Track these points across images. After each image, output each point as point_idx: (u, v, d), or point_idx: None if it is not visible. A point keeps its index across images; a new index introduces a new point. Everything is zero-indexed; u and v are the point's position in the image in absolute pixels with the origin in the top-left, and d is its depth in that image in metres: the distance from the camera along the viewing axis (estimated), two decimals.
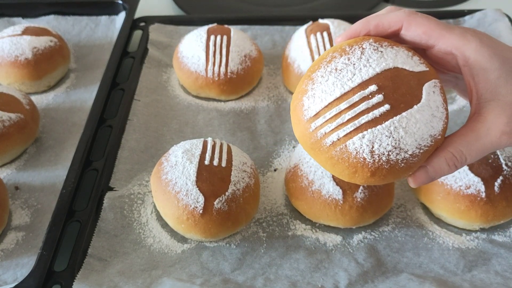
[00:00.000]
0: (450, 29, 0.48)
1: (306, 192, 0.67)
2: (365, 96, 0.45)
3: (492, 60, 0.46)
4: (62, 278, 0.62)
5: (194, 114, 0.86)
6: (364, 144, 0.45)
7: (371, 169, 0.46)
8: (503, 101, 0.46)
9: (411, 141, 0.45)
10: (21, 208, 0.73)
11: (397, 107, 0.45)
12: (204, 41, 0.87)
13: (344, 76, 0.46)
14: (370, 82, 0.46)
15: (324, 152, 0.47)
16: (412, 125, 0.45)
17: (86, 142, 0.77)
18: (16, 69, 0.87)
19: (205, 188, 0.65)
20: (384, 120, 0.45)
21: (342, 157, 0.46)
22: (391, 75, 0.46)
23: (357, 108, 0.45)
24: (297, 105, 0.49)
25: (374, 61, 0.47)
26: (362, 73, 0.46)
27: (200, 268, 0.65)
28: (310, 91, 0.48)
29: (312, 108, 0.47)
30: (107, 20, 1.05)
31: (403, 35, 0.49)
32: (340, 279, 0.63)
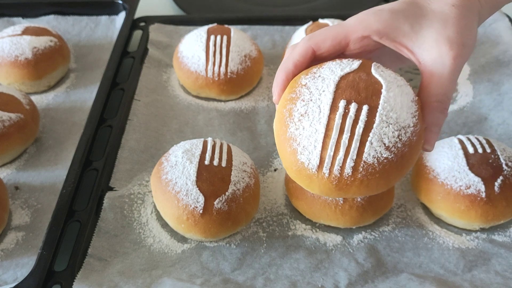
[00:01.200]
0: (348, 22, 0.51)
1: (306, 192, 0.67)
2: (343, 113, 0.47)
3: (395, 17, 0.49)
4: (62, 278, 0.62)
5: (194, 114, 0.86)
6: (376, 147, 0.46)
7: (398, 161, 0.46)
8: (427, 35, 0.48)
9: (405, 115, 0.47)
10: (21, 208, 0.73)
11: (371, 101, 0.47)
12: (204, 41, 0.87)
13: (314, 114, 0.47)
14: (336, 101, 0.47)
15: (352, 183, 0.47)
16: (394, 103, 0.47)
17: (86, 142, 0.77)
18: (16, 69, 0.87)
19: (205, 188, 0.65)
20: (373, 118, 0.46)
21: (370, 172, 0.46)
22: (344, 84, 0.48)
23: (347, 127, 0.46)
24: (297, 168, 0.48)
25: (322, 86, 0.48)
26: (323, 100, 0.47)
27: (200, 268, 0.65)
28: (298, 148, 0.48)
29: (313, 158, 0.47)
30: (107, 20, 1.05)
31: (320, 55, 0.52)
32: (340, 279, 0.63)
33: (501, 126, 0.81)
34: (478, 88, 0.87)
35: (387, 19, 0.49)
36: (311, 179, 0.48)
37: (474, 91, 0.87)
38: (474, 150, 0.68)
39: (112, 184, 0.73)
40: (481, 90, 0.87)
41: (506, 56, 0.90)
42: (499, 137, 0.79)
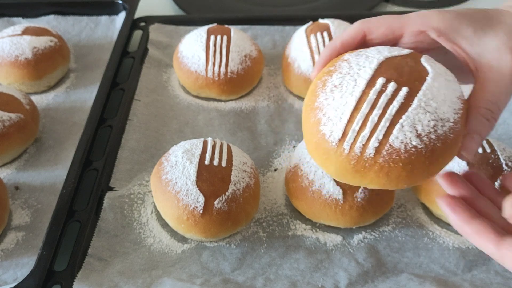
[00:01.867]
0: (407, 15, 0.49)
1: (306, 192, 0.67)
2: (379, 90, 0.43)
3: (458, 19, 0.47)
4: (62, 278, 0.62)
5: (194, 114, 0.86)
6: (407, 132, 0.42)
7: (427, 155, 0.42)
8: (489, 43, 0.46)
9: (446, 108, 0.43)
10: (21, 208, 0.73)
11: (413, 86, 0.43)
12: (204, 41, 0.87)
13: (348, 86, 0.44)
14: (375, 78, 0.44)
15: (371, 166, 0.44)
16: (437, 93, 0.43)
17: (86, 142, 0.77)
18: (16, 69, 0.87)
19: (205, 188, 0.65)
20: (410, 102, 0.43)
21: (393, 159, 0.43)
22: (388, 65, 0.45)
23: (380, 104, 0.43)
24: (317, 140, 0.45)
25: (364, 62, 0.45)
26: (362, 75, 0.44)
27: (200, 268, 0.65)
28: (323, 118, 0.45)
29: (335, 131, 0.44)
30: (107, 20, 1.05)
31: (370, 41, 0.50)
32: (340, 279, 0.63)
33: (501, 126, 0.81)
34: None
35: (450, 19, 0.47)
36: (328, 155, 0.44)
37: None
38: None
39: (112, 184, 0.73)
40: None
41: None
42: (499, 137, 0.79)
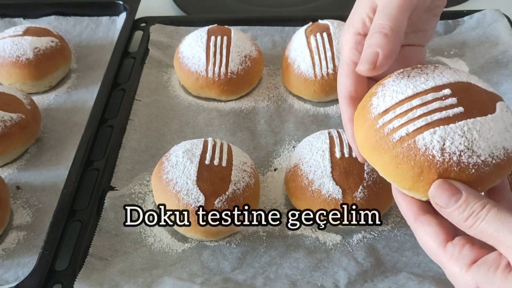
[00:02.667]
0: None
1: (306, 191, 0.67)
2: (438, 97, 0.44)
3: None
4: (63, 278, 0.62)
5: (195, 114, 0.87)
6: (435, 139, 0.43)
7: (439, 170, 0.43)
8: None
9: (485, 146, 0.43)
10: (22, 208, 0.73)
11: (470, 112, 0.44)
12: (205, 41, 0.87)
13: (417, 80, 0.46)
14: (443, 87, 0.45)
15: (389, 150, 0.45)
16: (486, 130, 0.43)
17: (87, 142, 0.77)
18: (18, 69, 0.88)
19: (206, 187, 0.65)
20: (457, 120, 0.43)
21: (409, 155, 0.44)
22: (464, 86, 0.46)
23: (430, 106, 0.44)
24: (365, 106, 0.47)
25: (447, 74, 0.46)
26: (436, 79, 0.46)
27: (201, 267, 0.65)
28: (380, 92, 0.47)
29: (381, 105, 0.46)
30: (108, 21, 1.05)
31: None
32: (340, 278, 0.63)
33: None
34: None
35: None
36: (365, 120, 0.47)
37: None
38: None
39: (113, 183, 0.73)
40: None
41: (505, 57, 0.91)
42: None
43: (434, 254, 0.45)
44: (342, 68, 0.53)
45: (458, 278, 0.43)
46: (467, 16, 1.00)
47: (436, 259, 0.45)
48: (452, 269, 0.43)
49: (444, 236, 0.44)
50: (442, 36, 0.99)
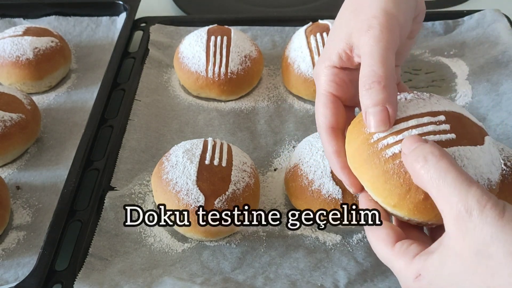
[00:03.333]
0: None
1: (306, 191, 0.67)
2: (433, 121, 0.46)
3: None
4: (63, 278, 0.62)
5: (195, 114, 0.87)
6: None
7: (426, 193, 0.43)
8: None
9: (472, 173, 0.44)
10: (22, 208, 0.73)
11: (462, 139, 0.45)
12: (205, 41, 0.87)
13: (415, 104, 0.47)
14: (439, 113, 0.46)
15: (380, 165, 0.46)
16: (475, 159, 0.45)
17: (87, 142, 0.77)
18: (18, 70, 0.88)
19: (206, 187, 0.65)
20: (449, 145, 0.44)
21: (399, 172, 0.45)
22: (457, 116, 0.47)
23: (425, 128, 0.45)
24: (360, 120, 0.48)
25: (443, 102, 0.48)
26: (433, 106, 0.47)
27: (201, 267, 0.65)
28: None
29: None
30: (108, 21, 1.05)
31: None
32: (340, 278, 0.63)
33: (500, 127, 0.81)
34: (477, 88, 0.88)
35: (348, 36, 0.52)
36: (359, 134, 0.48)
37: (473, 91, 0.88)
38: None
39: (113, 183, 0.73)
40: (479, 90, 0.87)
41: (505, 57, 0.91)
42: (498, 137, 0.80)
43: (384, 254, 0.45)
44: (320, 99, 0.53)
45: (402, 271, 0.43)
46: (467, 16, 1.00)
47: (385, 258, 0.46)
48: (399, 264, 0.44)
49: (394, 237, 0.45)
50: (442, 36, 0.99)
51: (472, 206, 0.38)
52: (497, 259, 0.37)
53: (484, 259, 0.37)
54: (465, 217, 0.38)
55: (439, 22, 1.00)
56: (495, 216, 0.37)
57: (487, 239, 0.37)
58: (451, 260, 0.39)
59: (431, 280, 0.41)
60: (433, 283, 0.41)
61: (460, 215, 0.38)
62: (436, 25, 1.00)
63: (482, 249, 0.37)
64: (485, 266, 0.37)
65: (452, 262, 0.39)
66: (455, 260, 0.39)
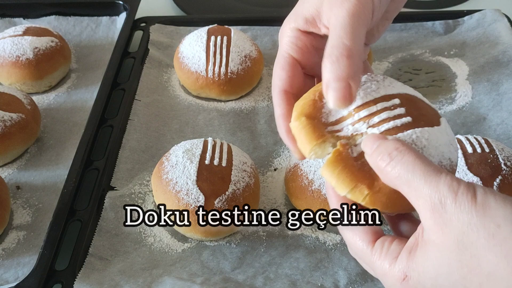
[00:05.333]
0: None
1: (306, 191, 0.67)
2: (388, 106, 0.45)
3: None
4: (63, 277, 0.62)
5: (195, 114, 0.87)
6: None
7: None
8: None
9: (435, 153, 0.43)
10: (22, 208, 0.73)
11: (418, 122, 0.44)
12: (205, 41, 0.87)
13: (368, 88, 0.46)
14: (393, 97, 0.45)
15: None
16: (435, 139, 0.44)
17: (87, 141, 0.77)
18: (18, 69, 0.88)
19: (206, 187, 0.65)
20: (405, 129, 0.43)
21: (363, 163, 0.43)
22: (412, 98, 0.46)
23: (377, 117, 0.44)
24: (315, 103, 0.46)
25: (396, 85, 0.47)
26: (387, 89, 0.46)
27: (201, 267, 0.65)
28: None
29: (333, 114, 0.45)
30: (108, 21, 1.05)
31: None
32: (340, 278, 0.63)
33: (500, 126, 0.81)
34: (477, 88, 0.88)
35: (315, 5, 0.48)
36: (314, 119, 0.45)
37: (473, 91, 0.88)
38: (473, 149, 0.68)
39: (113, 183, 0.73)
40: (480, 90, 0.87)
41: (505, 56, 0.91)
42: (498, 137, 0.80)
43: (363, 254, 0.44)
44: (278, 60, 0.51)
45: (387, 274, 0.41)
46: (467, 16, 1.00)
47: (365, 259, 0.44)
48: (383, 266, 0.42)
49: (372, 236, 0.43)
50: (442, 36, 0.99)
51: (445, 195, 0.37)
52: (480, 246, 0.36)
53: (466, 249, 0.36)
54: (440, 208, 0.37)
55: (439, 22, 1.00)
56: (468, 202, 0.36)
57: (464, 228, 0.36)
58: (434, 255, 0.38)
59: (419, 279, 0.39)
60: (421, 282, 0.39)
61: (435, 208, 0.37)
62: (436, 25, 1.00)
63: (463, 238, 0.36)
64: (470, 256, 0.36)
65: (435, 257, 0.38)
66: (438, 255, 0.38)
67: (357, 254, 0.45)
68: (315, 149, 0.45)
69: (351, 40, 0.44)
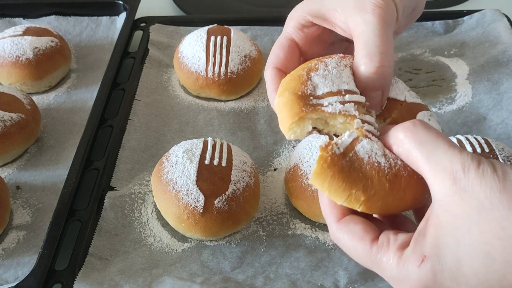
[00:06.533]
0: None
1: (306, 191, 0.67)
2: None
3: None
4: (63, 277, 0.62)
5: (195, 114, 0.87)
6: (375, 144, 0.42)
7: (388, 177, 0.41)
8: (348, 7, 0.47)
9: None
10: (22, 208, 0.73)
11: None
12: (205, 41, 0.87)
13: (334, 76, 0.45)
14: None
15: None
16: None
17: (87, 141, 0.77)
18: (18, 69, 0.88)
19: (206, 187, 0.65)
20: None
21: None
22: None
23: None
24: (301, 77, 0.44)
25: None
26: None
27: (201, 267, 0.65)
28: (321, 70, 0.45)
29: (319, 88, 0.44)
30: (107, 21, 1.05)
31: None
32: (340, 278, 0.63)
33: (500, 126, 0.81)
34: (477, 88, 0.88)
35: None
36: (298, 97, 0.44)
37: (473, 91, 0.87)
38: (472, 149, 0.68)
39: (113, 183, 0.73)
40: (480, 90, 0.87)
41: (505, 56, 0.91)
42: (498, 137, 0.80)
43: (365, 253, 0.41)
44: (279, 40, 0.51)
45: (400, 264, 0.39)
46: (467, 16, 1.00)
47: (368, 257, 0.42)
48: (391, 260, 0.40)
49: (373, 233, 0.41)
50: (442, 36, 0.99)
51: (468, 163, 0.37)
52: (503, 208, 0.36)
53: (488, 212, 0.36)
54: (462, 176, 0.37)
55: (439, 22, 1.00)
56: (491, 169, 0.37)
57: (487, 192, 0.36)
58: (453, 226, 0.37)
59: (438, 255, 0.38)
60: (442, 257, 0.37)
61: (456, 176, 0.37)
62: (436, 24, 1.00)
63: (484, 203, 0.36)
64: (491, 218, 0.36)
65: (454, 227, 0.37)
66: (458, 223, 0.37)
67: (357, 254, 0.42)
68: (293, 128, 0.43)
69: (386, 47, 0.45)
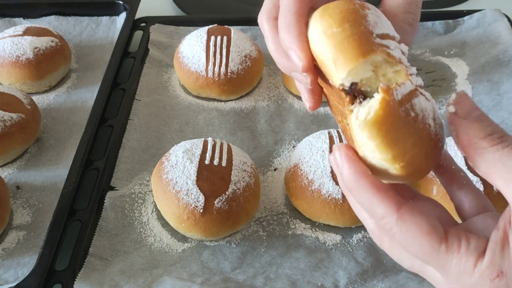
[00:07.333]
0: None
1: (306, 191, 0.67)
2: None
3: None
4: (63, 277, 0.62)
5: (195, 114, 0.87)
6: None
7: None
8: None
9: None
10: (22, 208, 0.73)
11: None
12: (205, 41, 0.88)
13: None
14: None
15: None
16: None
17: (87, 141, 0.77)
18: (18, 69, 0.88)
19: (206, 187, 0.65)
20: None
21: None
22: None
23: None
24: (356, 9, 0.36)
25: None
26: None
27: (201, 267, 0.65)
28: (371, 10, 0.37)
29: (378, 27, 0.36)
30: (108, 21, 1.05)
31: None
32: (340, 278, 0.63)
33: (500, 126, 0.81)
34: (478, 88, 0.88)
35: None
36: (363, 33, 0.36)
37: (473, 91, 0.88)
38: None
39: (113, 183, 0.73)
40: (480, 90, 0.87)
41: (505, 56, 0.91)
42: None
43: (430, 252, 0.37)
44: None
45: (473, 271, 0.36)
46: (467, 16, 1.00)
47: (433, 257, 0.37)
48: (466, 263, 0.36)
49: (440, 229, 0.37)
50: (442, 36, 0.99)
51: None
52: None
53: None
54: None
55: (439, 22, 1.00)
56: None
57: None
58: None
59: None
60: None
61: None
62: (436, 24, 1.00)
63: None
64: None
65: None
66: None
67: (422, 251, 0.37)
68: (357, 68, 0.34)
69: None
